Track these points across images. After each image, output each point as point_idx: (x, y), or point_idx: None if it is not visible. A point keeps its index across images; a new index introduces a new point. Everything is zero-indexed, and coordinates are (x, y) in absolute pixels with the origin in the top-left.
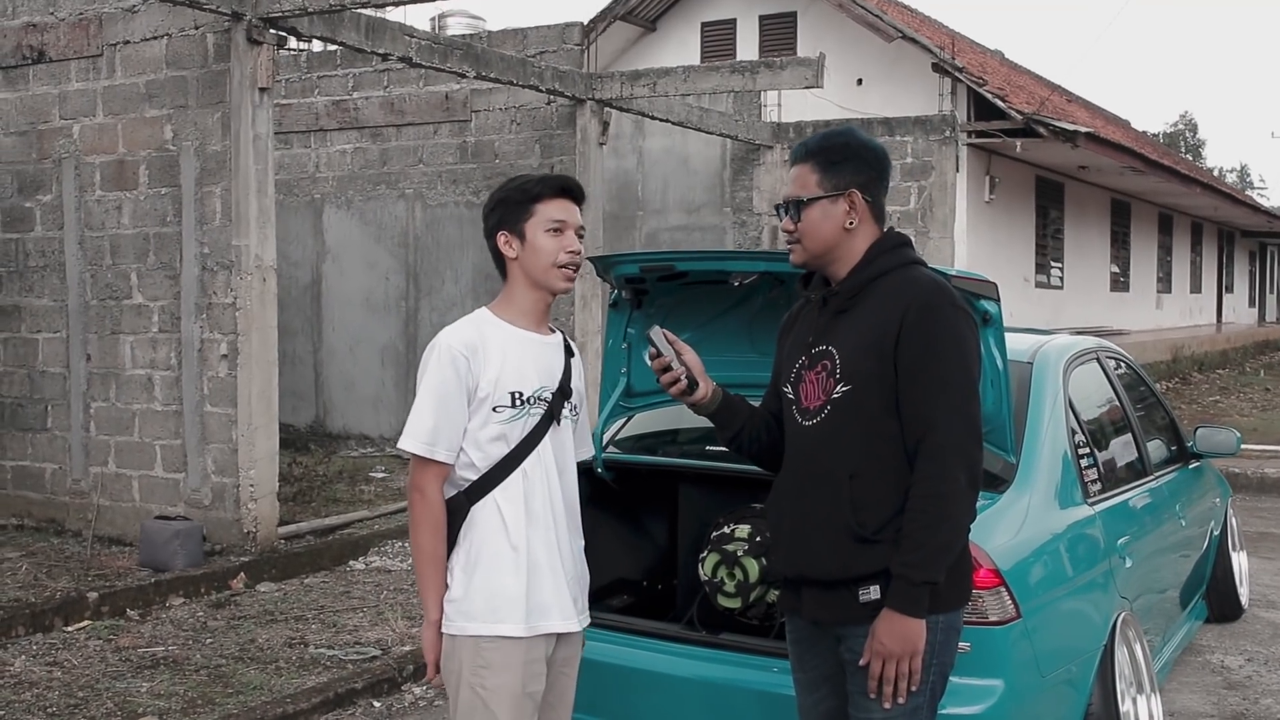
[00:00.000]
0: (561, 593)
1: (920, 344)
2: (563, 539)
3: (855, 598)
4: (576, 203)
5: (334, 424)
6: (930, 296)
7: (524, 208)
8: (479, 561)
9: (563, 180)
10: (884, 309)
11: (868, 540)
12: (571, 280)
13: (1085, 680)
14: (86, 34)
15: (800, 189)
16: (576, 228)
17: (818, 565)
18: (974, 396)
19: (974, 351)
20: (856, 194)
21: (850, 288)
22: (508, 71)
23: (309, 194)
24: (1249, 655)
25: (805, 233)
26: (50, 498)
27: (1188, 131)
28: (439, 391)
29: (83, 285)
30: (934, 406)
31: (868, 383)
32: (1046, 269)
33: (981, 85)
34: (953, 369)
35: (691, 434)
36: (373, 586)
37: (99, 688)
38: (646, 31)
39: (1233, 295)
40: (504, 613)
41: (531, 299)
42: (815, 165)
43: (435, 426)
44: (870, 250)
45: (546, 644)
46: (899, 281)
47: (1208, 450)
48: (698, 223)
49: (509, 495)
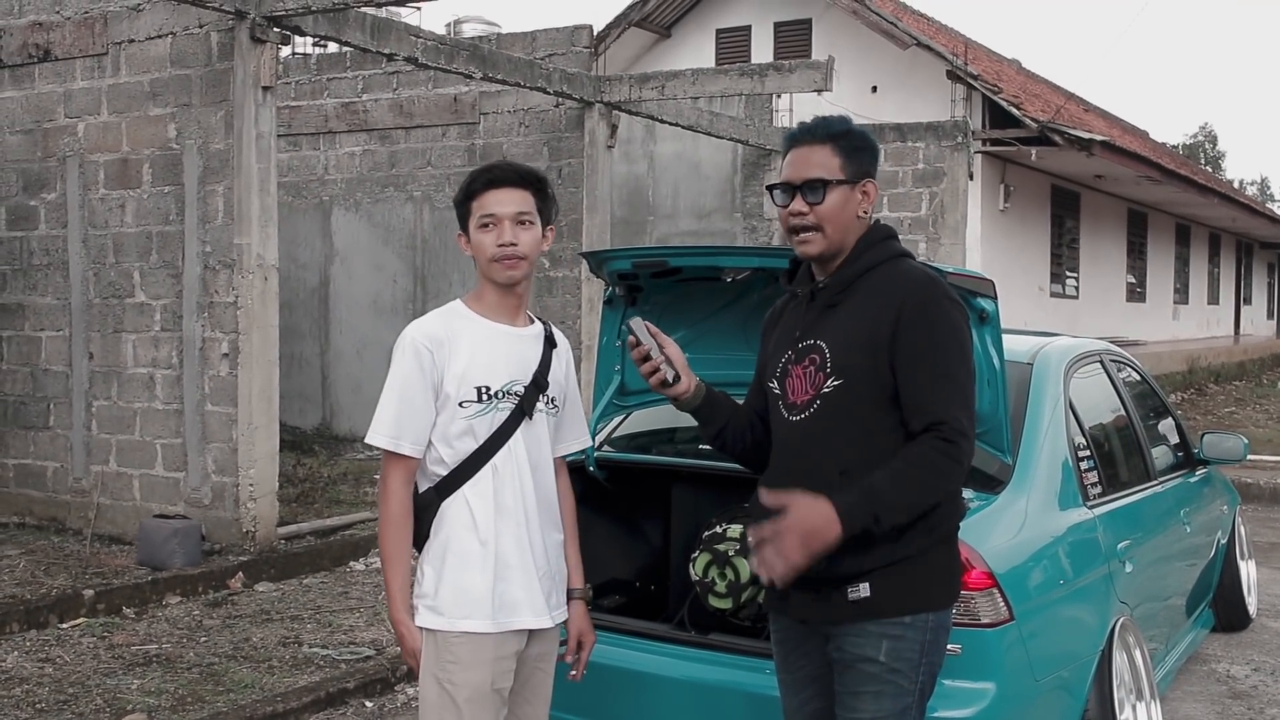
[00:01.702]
0: (533, 589)
1: (922, 337)
2: (535, 534)
3: (844, 596)
4: (522, 188)
5: (340, 426)
6: (926, 289)
7: (464, 207)
8: (447, 557)
9: (491, 172)
10: (876, 302)
11: (856, 538)
12: (512, 269)
13: (1081, 685)
14: (92, 33)
15: (822, 170)
16: (514, 216)
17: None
18: (974, 390)
19: (970, 344)
20: (872, 185)
21: (841, 281)
22: (515, 73)
23: (317, 196)
24: (1256, 665)
25: (827, 219)
26: (51, 496)
27: (1207, 143)
28: (403, 385)
29: (85, 283)
30: (941, 397)
31: (860, 377)
32: (1062, 279)
33: (996, 93)
34: (955, 361)
35: (686, 433)
36: (371, 587)
37: (89, 684)
38: (661, 38)
39: (1251, 307)
40: (470, 609)
41: (495, 292)
42: (839, 149)
43: (399, 420)
44: (859, 243)
45: (517, 640)
46: (891, 275)
47: (1215, 456)
48: (708, 228)
49: (478, 491)
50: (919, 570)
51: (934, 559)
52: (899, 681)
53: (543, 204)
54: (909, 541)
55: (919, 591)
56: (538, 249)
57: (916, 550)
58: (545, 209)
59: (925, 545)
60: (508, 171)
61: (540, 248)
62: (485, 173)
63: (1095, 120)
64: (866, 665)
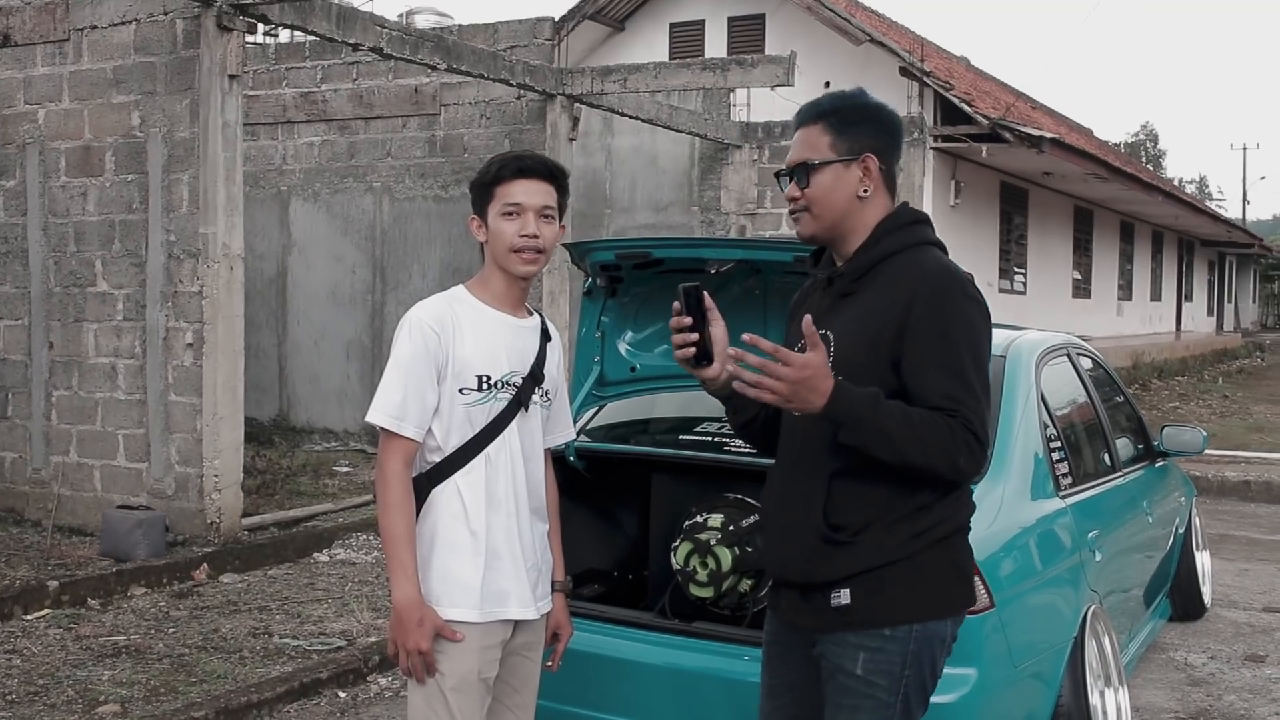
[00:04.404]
0: (521, 580)
1: (933, 335)
2: (524, 526)
3: (827, 602)
4: (548, 181)
5: (298, 418)
6: (941, 283)
7: (487, 190)
8: (435, 545)
9: (522, 160)
10: (887, 295)
11: (840, 543)
12: (530, 264)
13: (1056, 672)
14: (53, 18)
15: (809, 151)
16: (539, 209)
17: (790, 566)
18: (989, 401)
19: (988, 344)
20: (872, 159)
21: (856, 269)
22: (479, 65)
23: (275, 186)
24: (1212, 653)
25: (814, 200)
26: (9, 487)
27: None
28: (408, 365)
29: (45, 272)
30: (958, 394)
31: (858, 374)
32: (1010, 274)
33: (948, 90)
34: (969, 365)
35: (664, 424)
36: (337, 578)
37: (59, 675)
38: (615, 31)
39: (1192, 304)
40: (459, 597)
41: (503, 282)
42: (828, 126)
43: (404, 401)
44: (879, 228)
45: (503, 630)
46: (906, 265)
47: (1174, 449)
48: (665, 221)
49: (471, 480)
50: (905, 577)
51: (925, 565)
52: (877, 695)
53: (563, 200)
54: (896, 545)
55: (902, 601)
56: (555, 245)
57: (903, 555)
58: (563, 205)
59: (914, 550)
60: (538, 163)
61: (555, 244)
62: (515, 160)
63: (1043, 118)
64: (844, 677)
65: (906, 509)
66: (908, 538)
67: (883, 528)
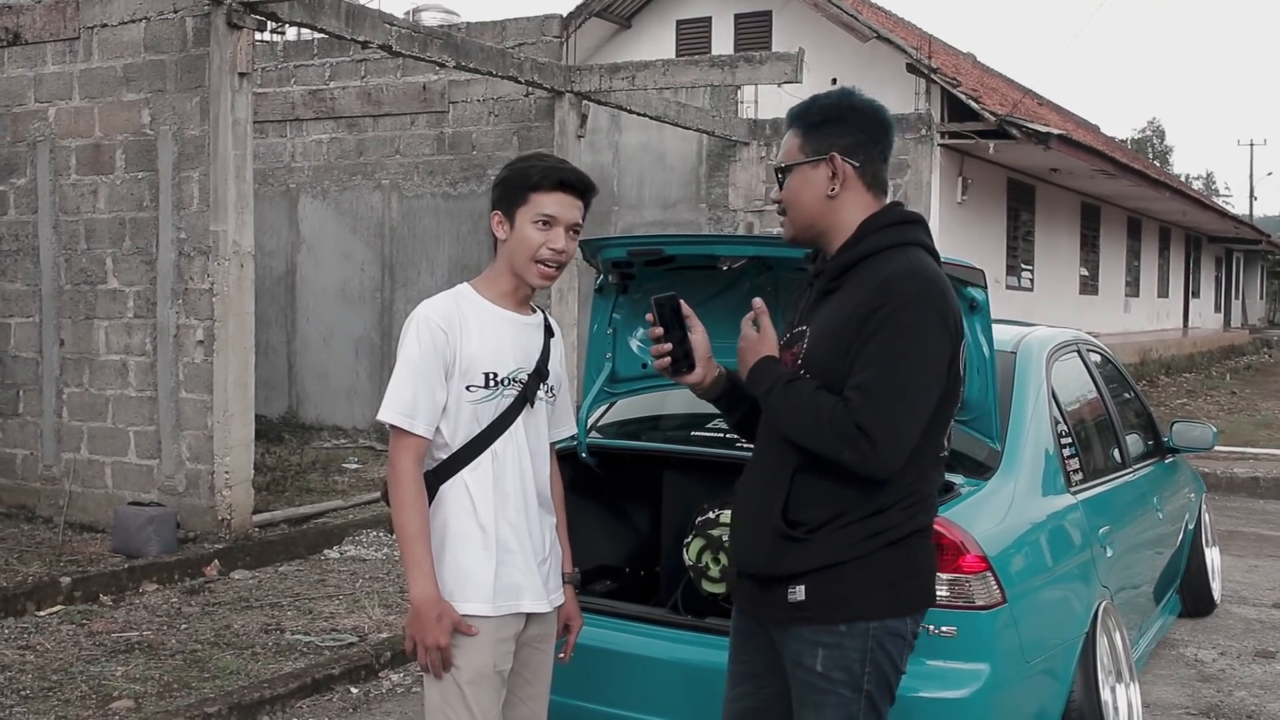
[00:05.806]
0: (533, 573)
1: (871, 331)
2: (533, 519)
3: (784, 597)
4: (580, 197)
5: (307, 415)
6: (898, 285)
7: (520, 193)
8: (446, 540)
9: (564, 173)
10: (855, 295)
11: (796, 540)
12: (549, 278)
13: (1068, 667)
14: (63, 16)
15: (783, 155)
16: (570, 225)
17: (749, 559)
18: (924, 407)
19: (937, 355)
20: (837, 157)
21: (835, 268)
22: (487, 62)
23: (284, 184)
24: (1222, 649)
25: (788, 202)
26: (21, 483)
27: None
28: (418, 364)
29: (56, 270)
30: (866, 380)
31: (826, 372)
32: (1017, 271)
33: (955, 86)
34: (893, 363)
35: (675, 420)
36: (348, 575)
37: (73, 671)
38: (622, 29)
39: (1199, 300)
40: (472, 592)
41: (513, 283)
42: (798, 129)
43: (414, 399)
44: (861, 228)
45: (516, 623)
46: (877, 267)
47: (1184, 445)
48: (673, 218)
49: (478, 476)
50: (859, 575)
51: (878, 565)
52: (839, 691)
53: (586, 215)
54: (850, 544)
55: (855, 599)
56: (571, 258)
57: (858, 555)
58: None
59: (869, 550)
60: (579, 179)
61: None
62: (556, 170)
63: (1050, 115)
64: (804, 673)
65: (865, 510)
66: (862, 538)
67: (839, 526)
